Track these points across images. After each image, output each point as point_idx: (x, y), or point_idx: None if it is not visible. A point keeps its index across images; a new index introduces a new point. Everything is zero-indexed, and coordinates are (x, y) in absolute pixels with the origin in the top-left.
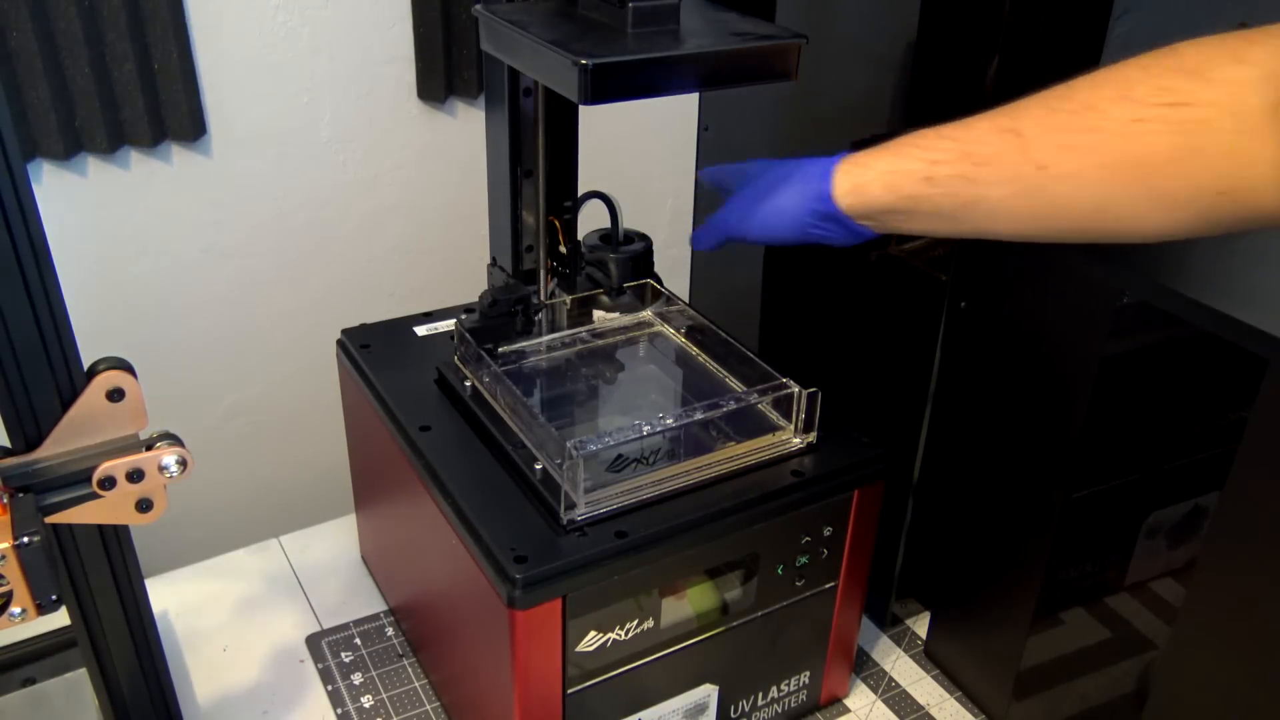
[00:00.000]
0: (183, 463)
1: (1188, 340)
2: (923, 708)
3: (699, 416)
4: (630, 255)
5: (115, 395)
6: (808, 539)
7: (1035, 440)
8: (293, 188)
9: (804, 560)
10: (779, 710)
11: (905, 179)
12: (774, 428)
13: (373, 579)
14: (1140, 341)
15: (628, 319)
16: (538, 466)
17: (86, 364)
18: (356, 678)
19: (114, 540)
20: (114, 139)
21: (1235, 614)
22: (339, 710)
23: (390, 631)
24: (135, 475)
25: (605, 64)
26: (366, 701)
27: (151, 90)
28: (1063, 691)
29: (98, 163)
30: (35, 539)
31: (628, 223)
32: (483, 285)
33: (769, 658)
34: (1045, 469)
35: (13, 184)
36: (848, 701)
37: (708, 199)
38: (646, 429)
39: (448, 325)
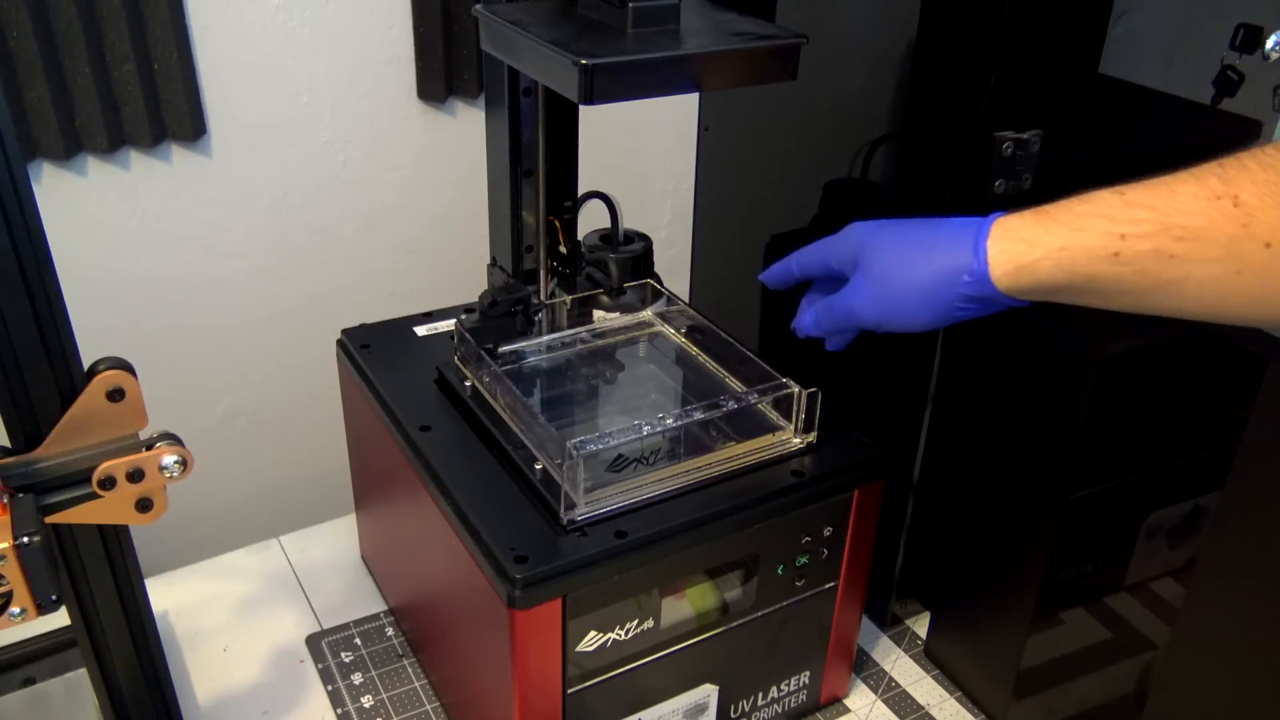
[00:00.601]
0: (183, 463)
1: (1188, 340)
2: (923, 708)
3: (699, 416)
4: (630, 255)
5: (115, 395)
6: (808, 539)
7: (1035, 440)
8: (293, 188)
9: (804, 560)
10: (779, 710)
11: (1085, 256)
12: (774, 428)
13: (373, 579)
14: (1140, 341)
15: (628, 319)
16: (538, 466)
17: (86, 364)
18: (356, 678)
19: (114, 540)
20: (114, 139)
21: (1235, 614)
22: (339, 710)
23: (390, 631)
24: (135, 475)
25: (605, 64)
26: (366, 701)
27: (151, 90)
28: (1063, 691)
29: (98, 163)
30: (35, 539)
31: (628, 223)
32: (483, 285)
33: (769, 658)
34: (1045, 469)
35: (13, 184)
36: (848, 701)
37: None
38: (646, 429)
39: (448, 325)
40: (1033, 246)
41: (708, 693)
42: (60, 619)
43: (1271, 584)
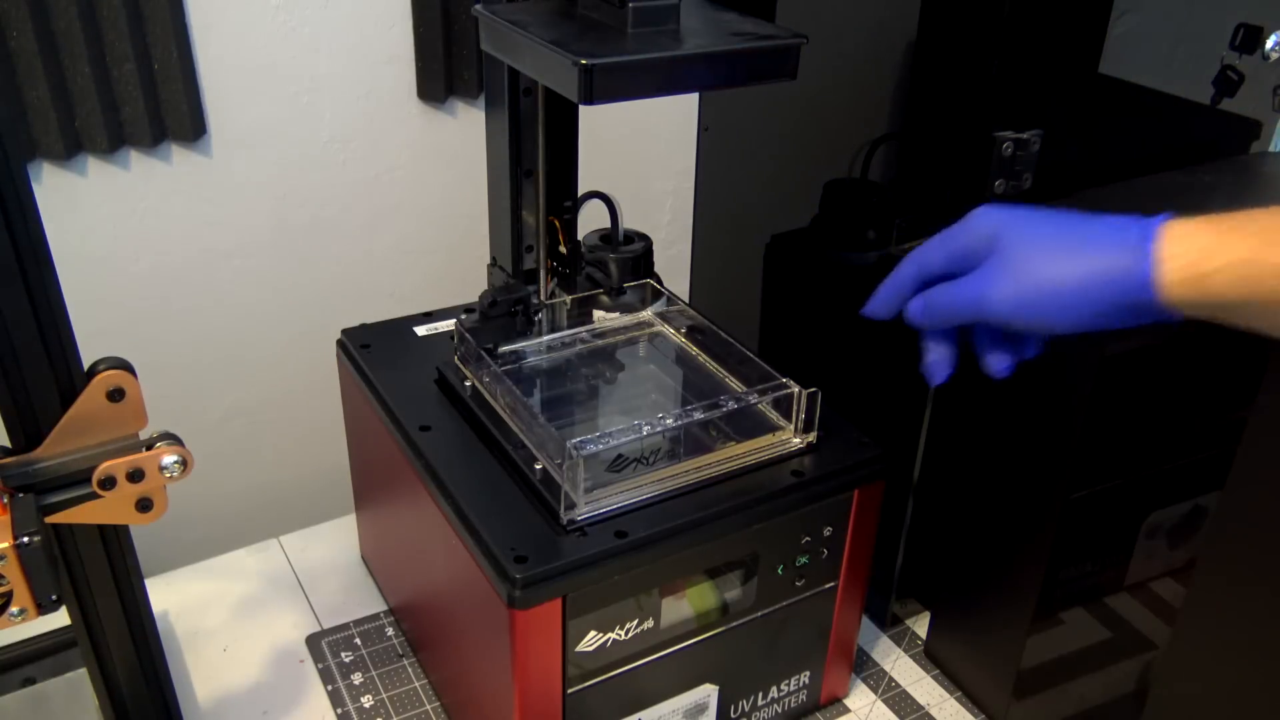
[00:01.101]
0: (183, 463)
1: (1188, 340)
2: (923, 708)
3: (699, 416)
4: (630, 255)
5: (115, 395)
6: (808, 539)
7: (1035, 440)
8: (293, 188)
9: (804, 560)
10: (779, 710)
11: (1275, 273)
12: (774, 428)
13: (373, 579)
14: (1140, 341)
15: (628, 319)
16: (538, 466)
17: (86, 364)
18: (356, 678)
19: (114, 540)
20: (114, 139)
21: (1235, 614)
22: (339, 710)
23: (390, 631)
24: (135, 475)
25: (605, 64)
26: (366, 701)
27: (151, 90)
28: (1063, 691)
29: (98, 163)
30: (35, 539)
31: (628, 223)
32: (483, 285)
33: (769, 658)
34: (1045, 469)
35: (13, 184)
36: (848, 701)
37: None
38: (646, 429)
39: (448, 325)
40: (1210, 255)
41: (708, 693)
42: (60, 619)
43: (1271, 584)
